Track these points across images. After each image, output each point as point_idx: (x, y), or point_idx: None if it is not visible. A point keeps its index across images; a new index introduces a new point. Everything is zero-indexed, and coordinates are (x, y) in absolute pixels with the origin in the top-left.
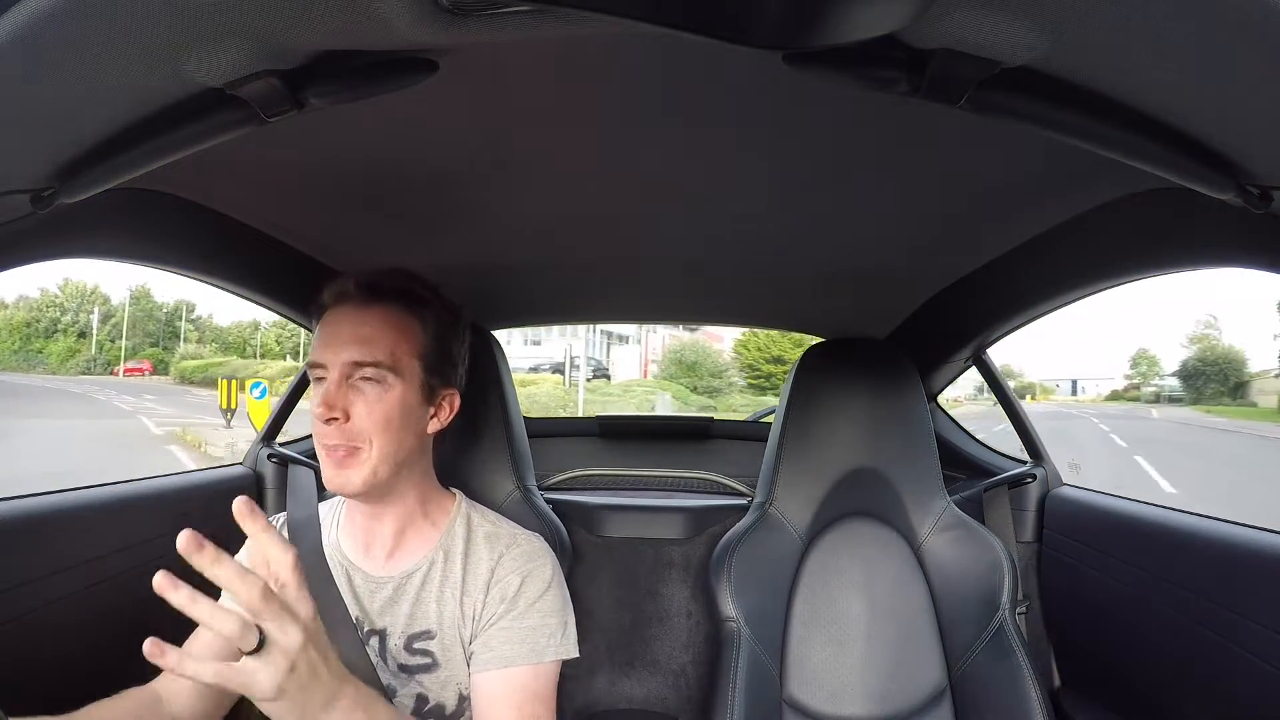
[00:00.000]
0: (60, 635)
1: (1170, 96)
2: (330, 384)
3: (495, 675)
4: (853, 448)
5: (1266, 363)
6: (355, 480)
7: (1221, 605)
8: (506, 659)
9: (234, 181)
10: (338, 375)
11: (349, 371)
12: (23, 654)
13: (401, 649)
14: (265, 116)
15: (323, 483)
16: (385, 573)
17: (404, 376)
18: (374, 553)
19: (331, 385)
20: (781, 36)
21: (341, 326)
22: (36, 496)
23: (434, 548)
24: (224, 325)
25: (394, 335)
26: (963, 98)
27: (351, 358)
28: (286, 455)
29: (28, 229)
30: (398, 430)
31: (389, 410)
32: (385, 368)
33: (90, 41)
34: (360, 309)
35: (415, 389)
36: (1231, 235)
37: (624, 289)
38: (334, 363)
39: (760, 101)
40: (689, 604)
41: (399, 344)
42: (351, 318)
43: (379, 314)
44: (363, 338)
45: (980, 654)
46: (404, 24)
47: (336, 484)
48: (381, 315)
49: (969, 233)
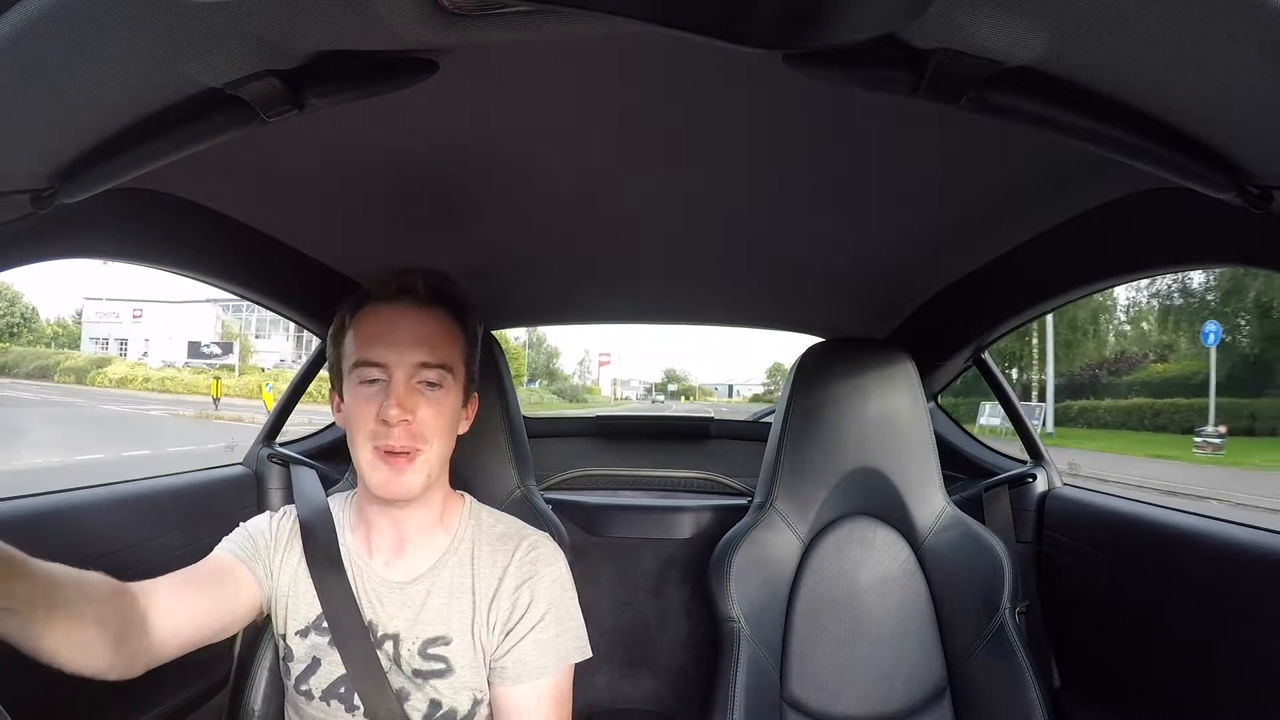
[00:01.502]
0: None
1: (1170, 96)
2: (399, 384)
3: (526, 688)
4: (853, 448)
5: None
6: (415, 484)
7: (1221, 605)
8: (538, 671)
9: (234, 182)
10: (404, 375)
11: (414, 373)
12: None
13: (416, 654)
14: (265, 116)
15: (324, 478)
16: (396, 575)
17: (456, 381)
18: (384, 554)
19: (400, 385)
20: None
21: (400, 325)
22: (36, 496)
23: (445, 551)
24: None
25: (451, 339)
26: (963, 98)
27: (420, 359)
28: (287, 455)
29: (28, 229)
30: (451, 433)
31: (448, 414)
32: (447, 369)
33: (90, 41)
34: (421, 310)
35: (460, 392)
36: (1231, 235)
37: (624, 289)
38: (399, 363)
39: (760, 102)
40: (689, 604)
41: (456, 351)
42: (411, 317)
43: (438, 316)
44: (425, 338)
45: (980, 654)
46: (404, 24)
47: (393, 489)
48: (440, 318)
49: (969, 232)
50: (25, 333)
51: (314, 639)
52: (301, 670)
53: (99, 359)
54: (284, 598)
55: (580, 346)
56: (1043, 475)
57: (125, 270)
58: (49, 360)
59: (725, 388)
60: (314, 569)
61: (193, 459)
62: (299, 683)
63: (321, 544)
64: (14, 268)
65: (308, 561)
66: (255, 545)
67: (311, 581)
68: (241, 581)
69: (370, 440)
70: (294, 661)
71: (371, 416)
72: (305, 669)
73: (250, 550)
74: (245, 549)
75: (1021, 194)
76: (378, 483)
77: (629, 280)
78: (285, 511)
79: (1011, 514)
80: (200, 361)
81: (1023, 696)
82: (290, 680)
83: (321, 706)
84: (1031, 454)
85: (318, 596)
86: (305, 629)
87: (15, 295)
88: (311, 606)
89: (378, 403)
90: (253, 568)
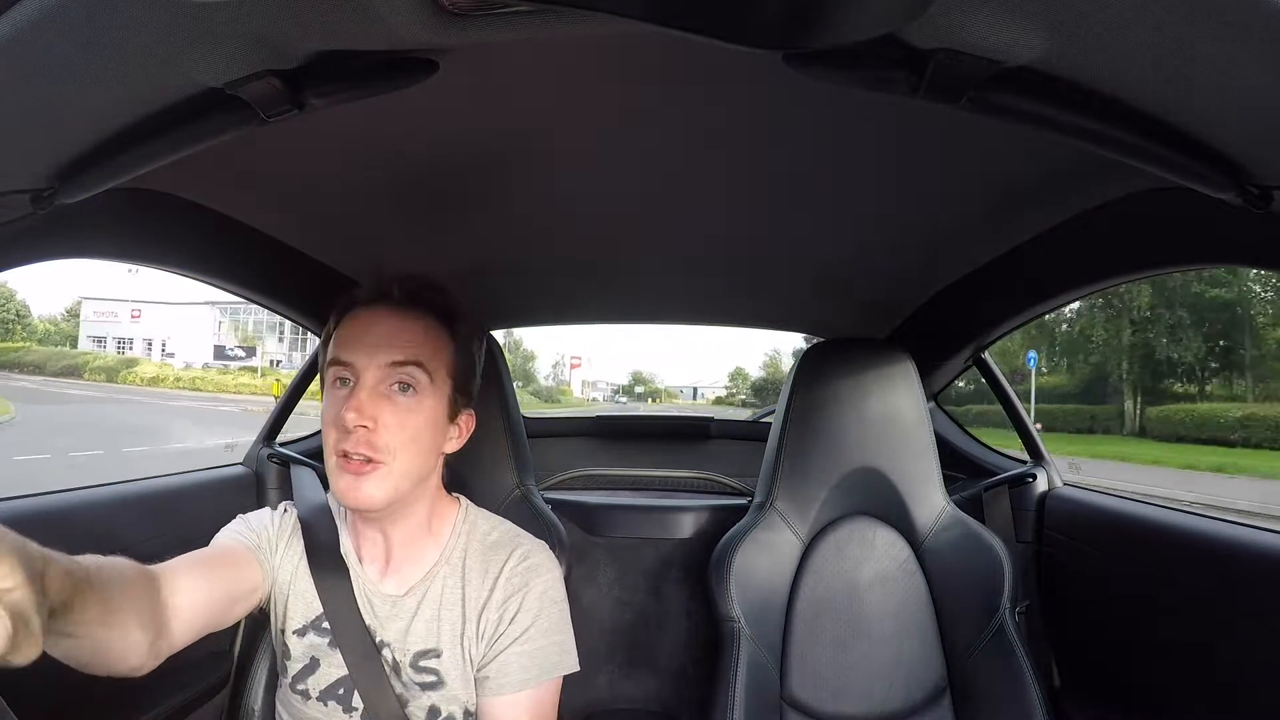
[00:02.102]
0: None
1: (1170, 96)
2: (362, 388)
3: (508, 700)
4: (853, 448)
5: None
6: (377, 496)
7: (1221, 605)
8: (520, 683)
9: (234, 182)
10: (371, 379)
11: (384, 375)
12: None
13: (408, 666)
14: (265, 116)
15: (324, 478)
16: (389, 588)
17: (435, 388)
18: (376, 564)
19: (363, 390)
20: (781, 37)
21: (377, 326)
22: (36, 496)
23: (435, 563)
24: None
25: (432, 346)
26: (963, 97)
27: (390, 358)
28: (287, 455)
29: (28, 229)
30: (425, 447)
31: (419, 424)
32: (423, 369)
33: (90, 41)
34: (399, 313)
35: (443, 405)
36: (1231, 235)
37: (624, 289)
38: (367, 364)
39: (760, 102)
40: (689, 604)
41: (436, 356)
42: (389, 320)
43: (419, 322)
44: (397, 339)
45: (980, 654)
46: (404, 24)
47: (352, 498)
48: (422, 324)
49: (969, 232)
50: (20, 330)
51: (312, 639)
52: (299, 670)
53: (128, 359)
54: (283, 594)
55: (554, 350)
56: (1043, 475)
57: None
58: (77, 360)
59: (690, 390)
60: (315, 569)
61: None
62: (296, 682)
63: (322, 544)
64: (14, 268)
65: (309, 560)
66: (259, 536)
67: (311, 581)
68: (249, 568)
69: (333, 445)
70: (291, 660)
71: (335, 420)
72: (303, 669)
73: (254, 540)
74: (249, 538)
75: (1021, 194)
76: (338, 490)
77: (629, 280)
78: (285, 508)
79: (1011, 514)
80: (225, 363)
81: (1023, 696)
82: (286, 679)
83: (318, 707)
84: (1031, 454)
85: (319, 596)
86: (303, 628)
87: (10, 293)
88: (310, 606)
89: (343, 405)
90: (258, 556)
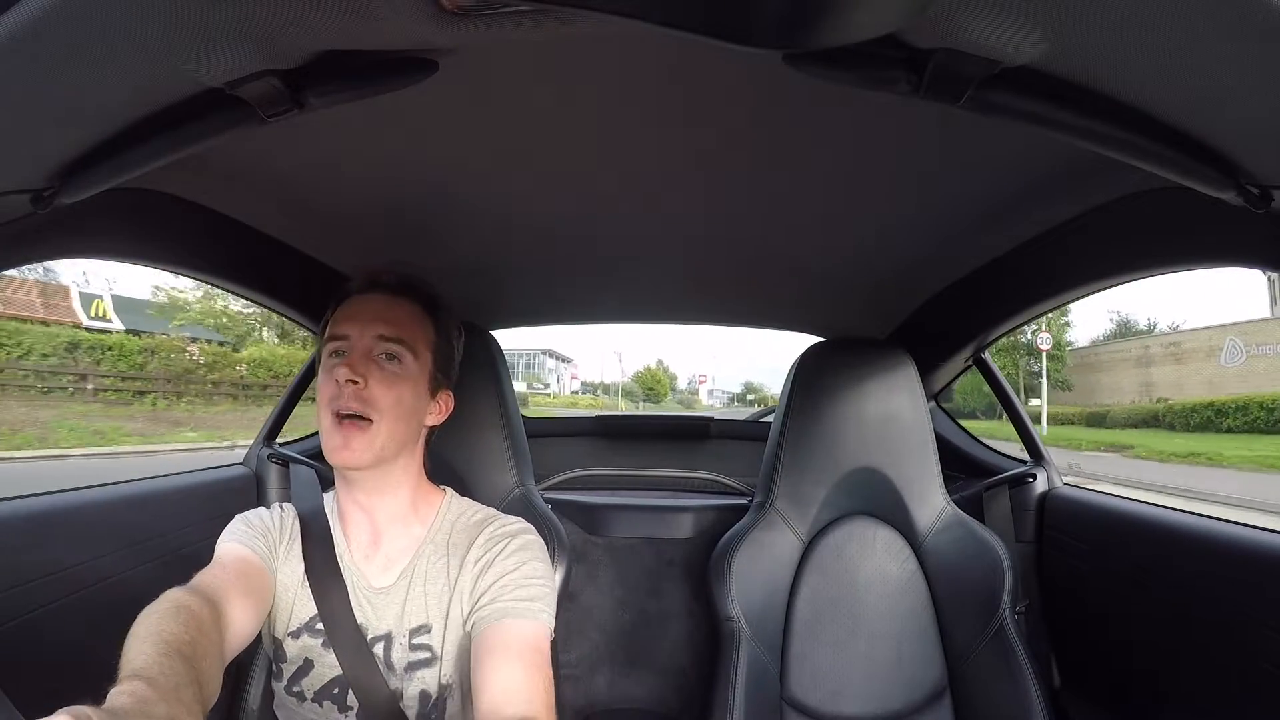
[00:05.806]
0: (61, 635)
1: (1170, 96)
2: (354, 352)
3: (495, 627)
4: (853, 447)
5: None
6: (365, 454)
7: (1221, 605)
8: (503, 611)
9: (234, 182)
10: (362, 346)
11: (373, 345)
12: (23, 653)
13: (406, 647)
14: (265, 116)
15: (323, 478)
16: (376, 578)
17: (418, 362)
18: (362, 547)
19: (355, 353)
20: (781, 37)
21: (370, 305)
22: (36, 496)
23: (421, 541)
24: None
25: (417, 325)
26: (963, 97)
27: (379, 331)
28: (287, 455)
29: (28, 229)
30: (407, 411)
31: (403, 390)
32: (406, 346)
33: (90, 41)
34: (390, 297)
35: (424, 379)
36: (1231, 235)
37: (624, 289)
38: (360, 335)
39: (760, 102)
40: (689, 604)
41: (420, 336)
42: (380, 302)
43: (406, 306)
44: (388, 316)
45: (980, 653)
46: (404, 24)
47: (343, 456)
48: (408, 308)
49: (969, 233)
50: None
51: (305, 640)
52: (294, 671)
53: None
54: (283, 598)
55: (689, 370)
56: (1043, 475)
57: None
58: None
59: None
60: (310, 571)
61: None
62: (291, 683)
63: (319, 545)
64: (14, 267)
65: (306, 563)
66: (265, 543)
67: (308, 584)
68: (266, 578)
69: (329, 405)
70: (285, 662)
71: (330, 383)
72: (297, 670)
73: (264, 548)
74: (259, 546)
75: (1022, 194)
76: (330, 449)
77: (629, 280)
78: (284, 508)
79: (1011, 514)
80: None
81: (1023, 696)
82: (281, 681)
83: (313, 708)
84: (1031, 454)
85: (314, 598)
86: (298, 630)
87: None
88: (305, 607)
89: (337, 368)
90: (269, 565)
